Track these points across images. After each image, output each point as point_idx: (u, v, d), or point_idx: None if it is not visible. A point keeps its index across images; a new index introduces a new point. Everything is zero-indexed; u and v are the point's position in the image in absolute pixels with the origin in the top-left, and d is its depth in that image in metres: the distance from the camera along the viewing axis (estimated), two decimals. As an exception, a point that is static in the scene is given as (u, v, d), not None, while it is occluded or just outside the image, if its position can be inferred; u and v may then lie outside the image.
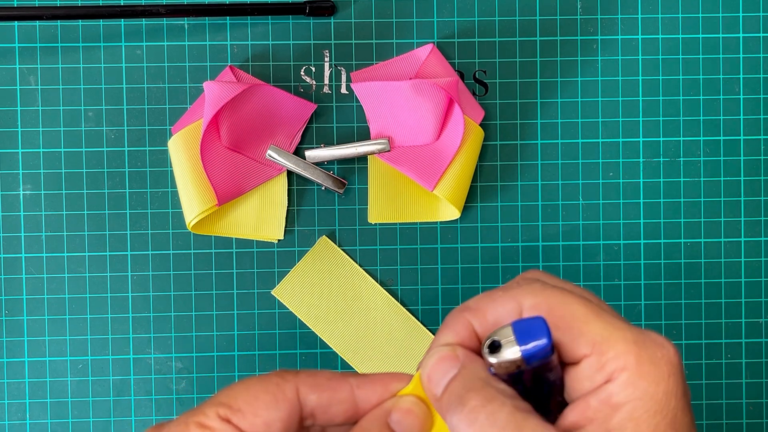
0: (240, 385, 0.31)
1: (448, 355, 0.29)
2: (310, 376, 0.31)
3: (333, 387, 0.31)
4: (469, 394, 0.28)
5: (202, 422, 0.29)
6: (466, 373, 0.28)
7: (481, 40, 0.51)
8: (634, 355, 0.27)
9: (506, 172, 0.51)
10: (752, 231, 0.52)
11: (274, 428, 0.30)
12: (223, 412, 0.30)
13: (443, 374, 0.29)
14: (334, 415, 0.31)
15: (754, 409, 0.52)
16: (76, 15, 0.46)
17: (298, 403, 0.30)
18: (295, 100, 0.49)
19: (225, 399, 0.30)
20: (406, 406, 0.30)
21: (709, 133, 0.51)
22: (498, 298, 0.30)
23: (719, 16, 0.51)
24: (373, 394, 0.31)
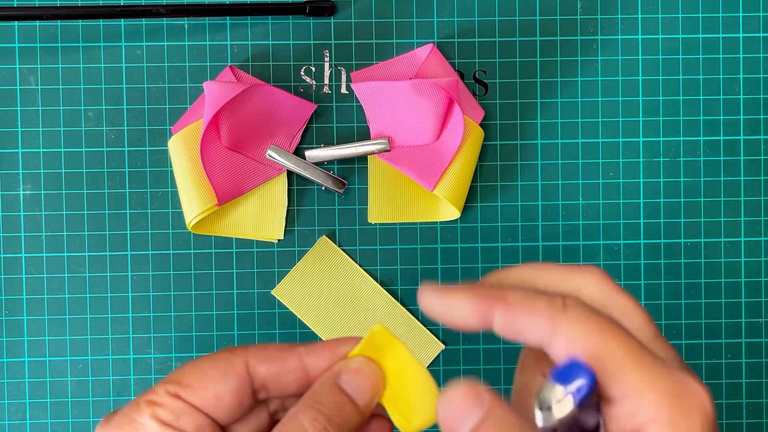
0: (190, 364, 0.31)
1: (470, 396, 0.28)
2: (259, 349, 0.32)
3: (281, 357, 0.31)
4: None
5: (152, 399, 0.30)
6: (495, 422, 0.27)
7: (481, 40, 0.51)
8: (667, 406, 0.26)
9: (506, 172, 0.51)
10: (752, 231, 0.52)
11: (224, 401, 0.31)
12: (172, 389, 0.30)
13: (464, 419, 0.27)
14: (286, 385, 0.32)
15: (754, 409, 0.52)
16: (76, 15, 0.46)
17: (248, 376, 0.31)
18: (295, 100, 0.49)
19: (175, 377, 0.31)
20: (355, 365, 0.31)
21: (709, 133, 0.51)
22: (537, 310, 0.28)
23: (719, 16, 0.51)
24: (321, 361, 0.31)
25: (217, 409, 0.31)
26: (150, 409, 0.30)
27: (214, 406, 0.31)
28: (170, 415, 0.30)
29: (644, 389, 0.26)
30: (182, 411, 0.30)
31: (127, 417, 0.30)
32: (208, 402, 0.31)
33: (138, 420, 0.30)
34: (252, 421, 0.33)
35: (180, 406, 0.30)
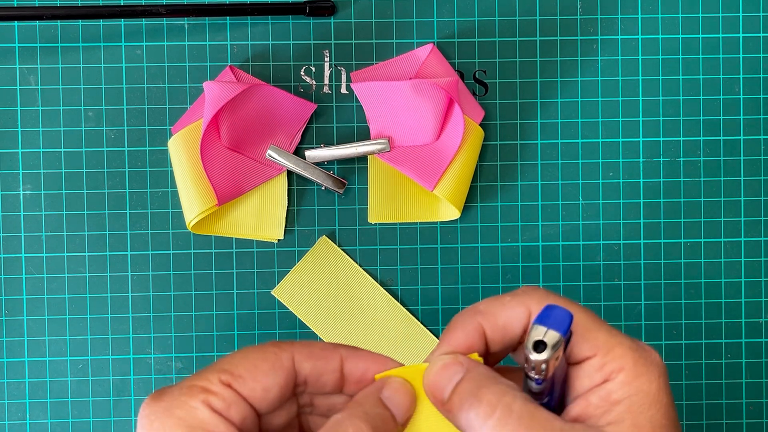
0: (239, 354, 0.32)
1: (451, 362, 0.32)
2: (305, 346, 0.33)
3: (325, 356, 0.33)
4: (482, 390, 0.30)
5: (206, 387, 0.31)
6: (474, 374, 0.31)
7: (481, 40, 0.51)
8: (630, 358, 0.31)
9: (506, 172, 0.51)
10: (752, 231, 0.52)
11: (271, 394, 0.31)
12: (225, 378, 0.31)
13: (448, 379, 0.31)
14: (324, 383, 0.33)
15: (754, 409, 0.52)
16: (76, 15, 0.46)
17: (294, 371, 0.32)
18: (295, 100, 0.49)
19: (227, 366, 0.31)
20: (396, 384, 0.32)
21: (709, 133, 0.51)
22: (507, 302, 0.32)
23: (719, 16, 0.51)
24: (359, 369, 0.33)
25: (263, 400, 0.32)
26: (203, 396, 0.30)
27: (261, 398, 0.31)
28: (222, 404, 0.31)
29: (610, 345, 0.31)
30: (233, 401, 0.31)
31: (178, 400, 0.30)
32: (256, 393, 0.31)
33: (190, 404, 0.30)
34: (283, 412, 0.33)
35: (231, 396, 0.31)
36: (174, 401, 0.30)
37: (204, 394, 0.30)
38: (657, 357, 0.31)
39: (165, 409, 0.30)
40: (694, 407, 0.51)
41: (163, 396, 0.31)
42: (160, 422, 0.30)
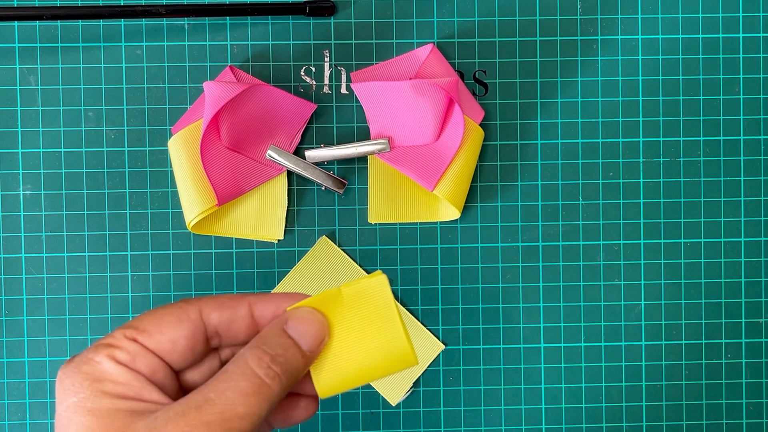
0: (148, 312, 0.34)
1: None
2: (212, 298, 0.34)
3: (232, 305, 0.34)
4: None
5: (111, 343, 0.32)
6: None
7: (481, 40, 0.51)
8: None
9: (506, 172, 0.51)
10: (752, 231, 0.52)
11: (179, 345, 0.33)
12: (129, 333, 0.33)
13: None
14: (236, 331, 0.34)
15: (754, 410, 0.52)
16: (76, 15, 0.46)
17: (202, 322, 0.34)
18: (295, 100, 0.49)
19: (132, 323, 0.33)
20: (301, 314, 0.34)
21: (709, 133, 0.51)
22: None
23: (719, 16, 0.51)
24: (268, 310, 0.34)
25: (172, 353, 0.33)
26: (107, 350, 0.32)
27: (168, 350, 0.33)
28: (126, 357, 0.32)
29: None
30: (138, 353, 0.32)
31: (85, 357, 0.32)
32: (163, 346, 0.33)
33: (95, 359, 0.32)
34: (204, 368, 0.35)
35: (136, 349, 0.32)
36: (81, 359, 0.32)
37: (108, 349, 0.32)
38: None
39: (74, 367, 0.32)
40: (694, 407, 0.51)
41: (73, 358, 0.32)
42: (70, 380, 0.32)
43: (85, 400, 0.31)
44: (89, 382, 0.31)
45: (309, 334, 0.33)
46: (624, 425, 0.51)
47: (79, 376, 0.31)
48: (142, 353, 0.32)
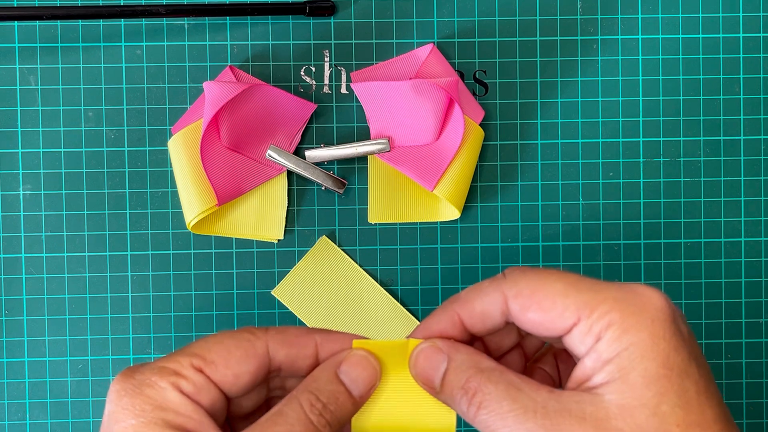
0: (213, 339, 0.32)
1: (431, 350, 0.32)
2: (279, 332, 0.33)
3: (300, 343, 0.33)
4: (466, 383, 0.30)
5: (177, 371, 0.31)
6: (456, 365, 0.31)
7: (481, 40, 0.51)
8: (617, 311, 0.29)
9: (506, 172, 0.51)
10: (752, 231, 0.52)
11: (243, 380, 0.32)
12: (197, 363, 0.31)
13: (434, 369, 0.32)
14: (299, 368, 0.33)
15: (754, 409, 0.52)
16: (76, 15, 0.46)
17: (268, 358, 0.33)
18: (295, 100, 0.49)
19: (199, 350, 0.32)
20: (355, 358, 0.33)
21: (709, 133, 0.51)
22: (485, 288, 0.32)
23: (719, 16, 0.51)
24: (333, 350, 0.33)
25: (234, 386, 0.32)
26: (174, 378, 0.31)
27: (231, 383, 0.32)
28: (192, 388, 0.31)
29: (593, 303, 0.29)
30: (203, 386, 0.31)
31: (149, 380, 0.31)
32: (227, 380, 0.32)
33: (159, 384, 0.31)
34: (253, 395, 0.34)
35: (202, 381, 0.31)
36: (145, 380, 0.31)
37: (174, 376, 0.31)
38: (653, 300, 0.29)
39: (135, 386, 0.31)
40: (694, 407, 0.51)
41: (134, 374, 0.31)
42: (129, 399, 0.30)
43: (144, 425, 0.30)
44: (151, 407, 0.30)
45: (361, 380, 0.32)
46: (624, 425, 0.51)
47: (141, 398, 0.30)
48: (207, 386, 0.31)
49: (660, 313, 0.29)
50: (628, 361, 0.28)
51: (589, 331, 0.29)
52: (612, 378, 0.28)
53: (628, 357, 0.28)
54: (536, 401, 0.29)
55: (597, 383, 0.29)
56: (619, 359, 0.28)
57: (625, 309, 0.29)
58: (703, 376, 0.29)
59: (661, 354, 0.28)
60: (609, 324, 0.29)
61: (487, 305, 0.32)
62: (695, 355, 0.29)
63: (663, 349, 0.28)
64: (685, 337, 0.29)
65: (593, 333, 0.29)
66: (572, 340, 0.30)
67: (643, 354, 0.28)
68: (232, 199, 0.49)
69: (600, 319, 0.29)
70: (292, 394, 0.32)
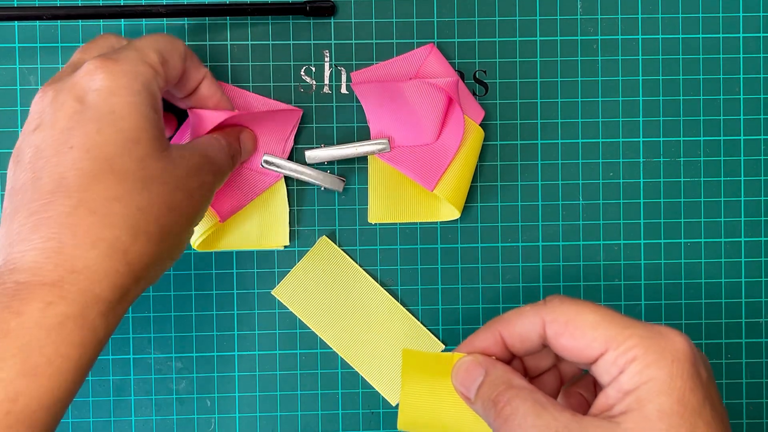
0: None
1: (472, 363, 0.36)
2: None
3: None
4: (497, 397, 0.34)
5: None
6: (491, 380, 0.35)
7: (481, 40, 0.51)
8: (641, 347, 0.31)
9: (506, 172, 0.51)
10: (752, 231, 0.52)
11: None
12: None
13: (472, 381, 0.35)
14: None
15: (754, 409, 0.52)
16: (77, 15, 0.46)
17: None
18: (279, 107, 0.49)
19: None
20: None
21: (709, 133, 0.51)
22: (526, 313, 0.35)
23: (719, 16, 0.51)
24: None
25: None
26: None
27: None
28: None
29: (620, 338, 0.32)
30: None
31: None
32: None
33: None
34: None
35: None
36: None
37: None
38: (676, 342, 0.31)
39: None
40: (694, 407, 0.51)
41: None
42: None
43: None
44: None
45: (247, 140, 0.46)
46: (624, 425, 0.51)
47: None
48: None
49: (681, 354, 0.31)
50: (646, 394, 0.30)
51: (614, 363, 0.32)
52: (630, 408, 0.31)
53: (646, 390, 0.31)
54: (558, 421, 0.31)
55: (616, 412, 0.31)
56: (638, 392, 0.31)
57: (649, 346, 0.31)
58: (716, 419, 0.31)
59: (677, 392, 0.30)
60: (633, 358, 0.31)
61: (527, 327, 0.35)
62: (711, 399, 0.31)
63: (679, 387, 0.30)
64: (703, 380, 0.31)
65: (618, 365, 0.32)
66: (598, 369, 0.33)
67: (660, 389, 0.30)
68: (234, 213, 0.49)
69: (625, 353, 0.31)
70: None
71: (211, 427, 0.50)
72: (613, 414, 0.31)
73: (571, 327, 0.33)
